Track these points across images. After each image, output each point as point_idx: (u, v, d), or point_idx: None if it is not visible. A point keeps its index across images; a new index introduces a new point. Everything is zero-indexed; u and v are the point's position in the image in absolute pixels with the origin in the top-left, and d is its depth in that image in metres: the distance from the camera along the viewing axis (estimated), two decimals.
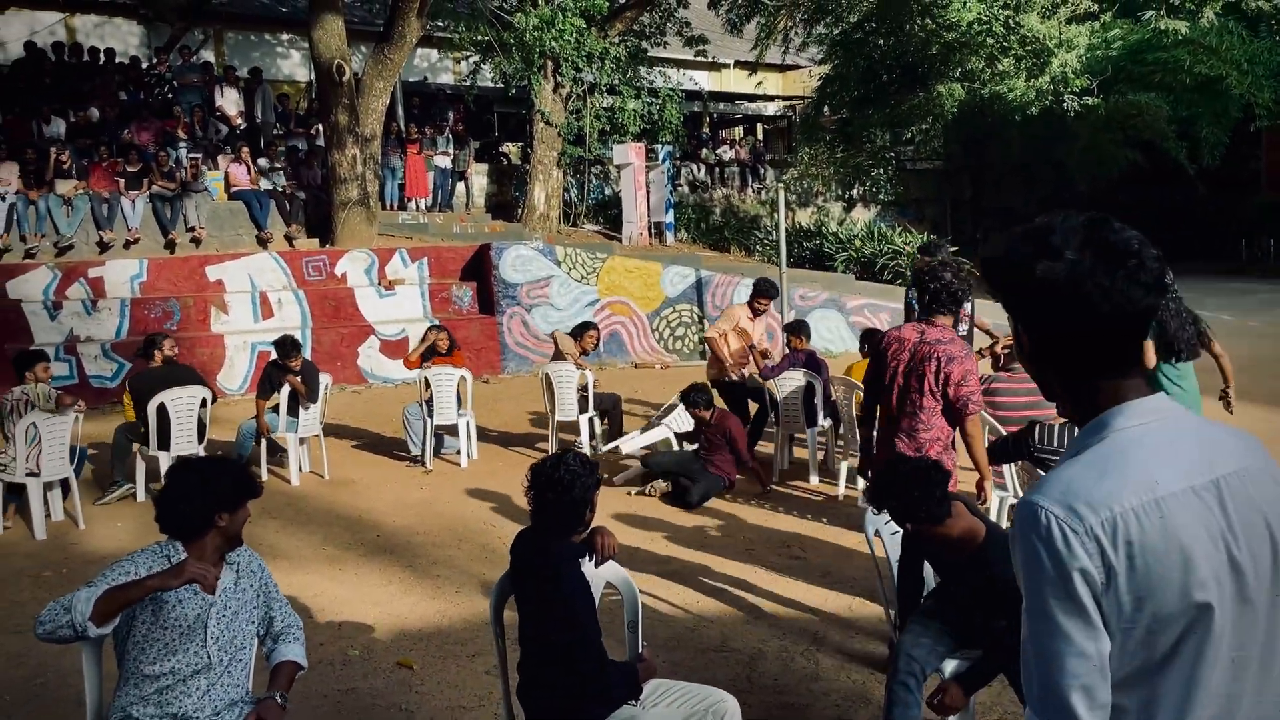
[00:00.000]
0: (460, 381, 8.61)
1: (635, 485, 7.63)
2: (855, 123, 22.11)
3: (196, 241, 13.79)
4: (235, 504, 3.05)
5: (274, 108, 17.11)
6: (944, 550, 3.32)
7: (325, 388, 8.49)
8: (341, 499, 7.66)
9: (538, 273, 14.01)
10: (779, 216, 12.25)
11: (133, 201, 13.44)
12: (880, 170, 22.53)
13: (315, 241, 14.58)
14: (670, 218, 17.87)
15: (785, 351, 8.62)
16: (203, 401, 7.80)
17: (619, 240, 16.82)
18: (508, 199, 18.97)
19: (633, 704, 3.09)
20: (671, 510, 7.07)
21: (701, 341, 14.76)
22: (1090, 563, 1.33)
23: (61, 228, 13.05)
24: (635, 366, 14.14)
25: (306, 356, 8.81)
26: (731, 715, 3.09)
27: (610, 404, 9.08)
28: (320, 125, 15.61)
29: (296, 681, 3.18)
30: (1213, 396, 5.91)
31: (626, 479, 7.78)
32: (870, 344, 4.60)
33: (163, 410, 7.52)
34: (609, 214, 18.59)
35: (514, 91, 17.96)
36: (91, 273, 12.40)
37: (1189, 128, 19.47)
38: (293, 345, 8.23)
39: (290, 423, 8.18)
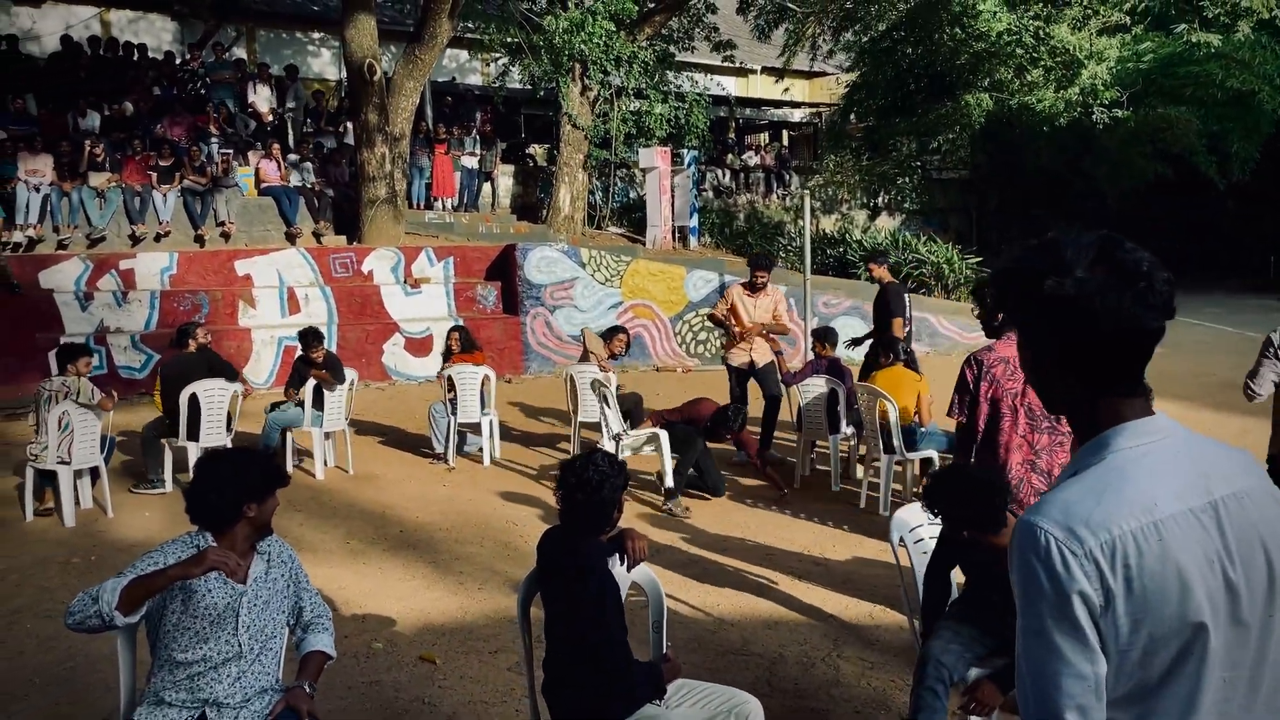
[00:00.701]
0: (484, 380, 8.68)
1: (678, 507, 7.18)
2: (882, 131, 22.06)
3: (226, 236, 13.94)
4: (264, 494, 3.09)
5: (305, 105, 17.27)
6: (995, 559, 3.32)
7: (351, 383, 8.56)
8: (365, 494, 7.74)
9: (562, 274, 14.07)
10: (804, 223, 12.25)
11: (164, 195, 13.60)
12: (906, 179, 22.47)
13: (343, 239, 14.71)
14: (694, 222, 17.91)
15: (809, 358, 8.64)
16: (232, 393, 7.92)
17: (643, 243, 16.87)
18: (533, 200, 19.05)
19: (657, 704, 3.11)
20: (691, 510, 7.08)
21: (723, 347, 14.78)
22: (1089, 585, 1.34)
23: (94, 220, 13.22)
24: (657, 370, 14.16)
25: (330, 349, 8.96)
26: (754, 717, 3.11)
27: (632, 404, 9.11)
28: (349, 123, 15.75)
29: (323, 671, 3.23)
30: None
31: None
32: (974, 369, 4.45)
33: (193, 401, 7.63)
34: (633, 217, 18.64)
35: (542, 94, 18.06)
36: (123, 265, 12.55)
37: (1219, 142, 19.31)
38: (315, 336, 8.41)
39: (315, 417, 8.26)
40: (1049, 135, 19.71)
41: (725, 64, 21.45)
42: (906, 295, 8.76)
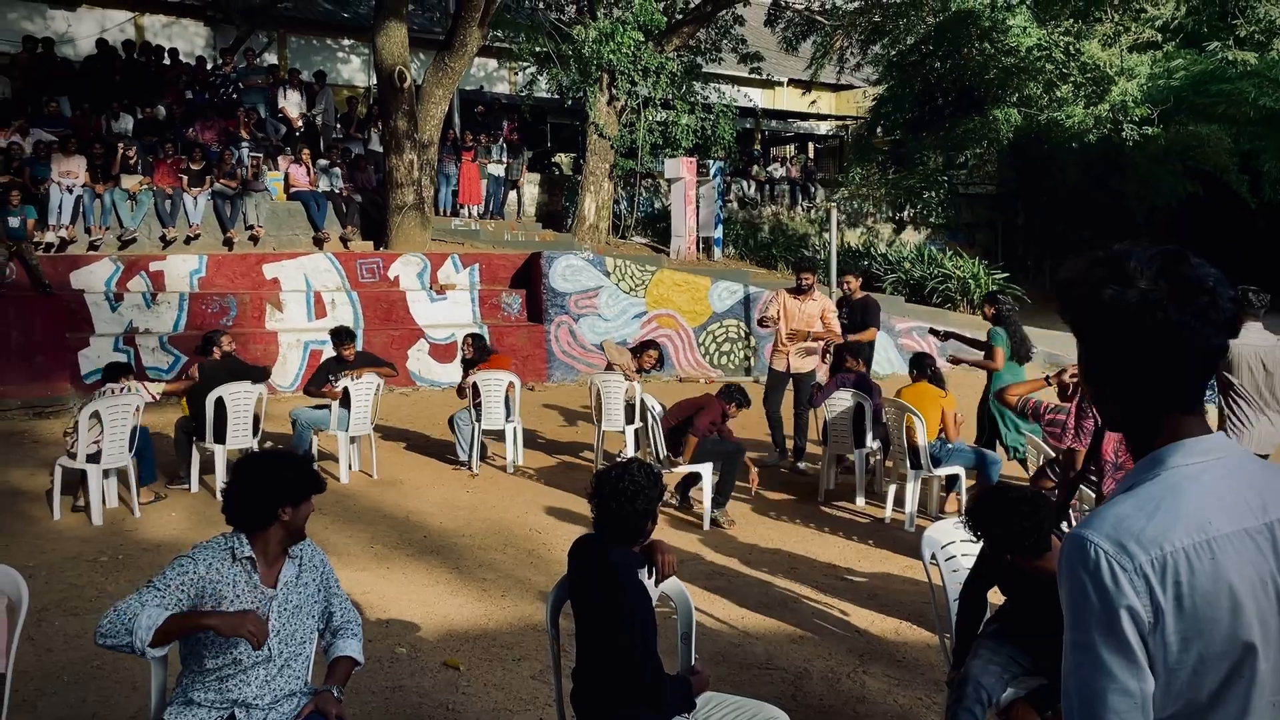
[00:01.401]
0: (509, 387, 8.69)
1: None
2: (908, 144, 22.01)
3: (254, 239, 14.05)
4: (299, 498, 3.09)
5: (335, 111, 17.41)
6: (1038, 583, 3.28)
7: (378, 388, 8.60)
8: (389, 499, 7.76)
9: (587, 283, 14.09)
10: (830, 235, 12.22)
11: (195, 198, 13.73)
12: (932, 193, 22.39)
13: (370, 244, 14.80)
14: (719, 233, 17.91)
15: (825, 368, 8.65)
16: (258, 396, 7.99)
17: (666, 253, 16.88)
18: (558, 209, 19.11)
19: (685, 717, 3.10)
20: (716, 524, 7.05)
21: (746, 357, 14.78)
22: (1138, 601, 1.32)
23: (125, 221, 13.36)
24: (680, 380, 14.14)
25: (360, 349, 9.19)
26: None
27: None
28: (378, 129, 15.86)
29: (350, 676, 3.23)
30: None
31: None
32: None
33: (220, 404, 7.69)
34: (657, 227, 18.66)
35: (569, 103, 18.12)
36: (152, 266, 12.67)
37: (1251, 160, 19.13)
38: (348, 334, 8.70)
39: (341, 419, 8.30)
40: (1078, 151, 19.60)
41: (752, 76, 21.49)
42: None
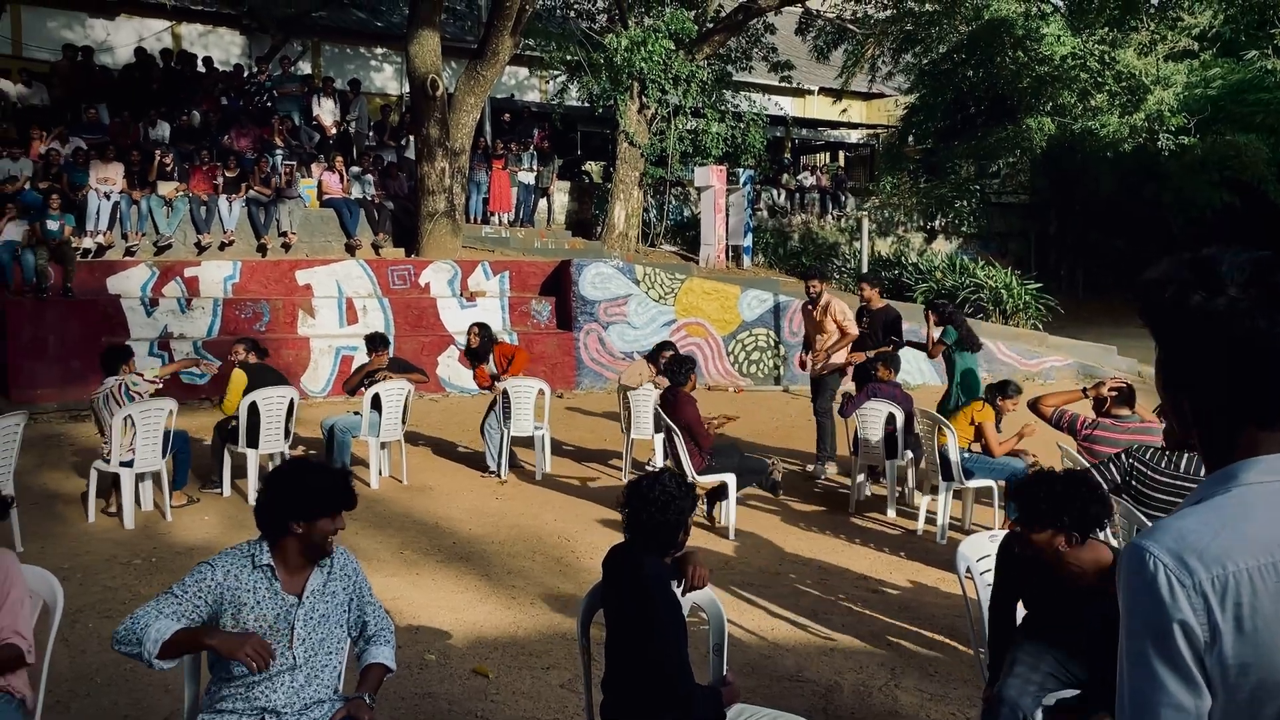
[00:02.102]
0: (538, 394, 8.70)
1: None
2: (940, 153, 21.88)
3: (287, 246, 14.18)
4: (314, 514, 3.01)
5: (368, 119, 17.56)
6: (1066, 578, 3.22)
7: (408, 393, 8.63)
8: (419, 505, 7.78)
9: (616, 291, 14.10)
10: (861, 244, 12.16)
11: (230, 205, 13.88)
12: (964, 202, 22.24)
13: (401, 251, 14.89)
14: (748, 241, 17.87)
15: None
16: (290, 401, 8.04)
17: (696, 262, 16.86)
18: (588, 217, 19.15)
19: None
20: (746, 534, 7.03)
21: (776, 366, 14.73)
22: (1193, 618, 1.27)
23: (161, 227, 13.53)
24: (709, 389, 14.10)
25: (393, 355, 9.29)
26: None
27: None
28: (410, 137, 15.97)
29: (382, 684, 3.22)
30: None
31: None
32: None
33: (253, 409, 7.75)
34: (687, 235, 18.65)
35: (599, 111, 18.18)
36: (187, 272, 12.82)
37: None
38: (382, 340, 8.85)
39: (373, 424, 8.33)
40: (1112, 161, 19.41)
41: (783, 84, 21.48)
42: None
